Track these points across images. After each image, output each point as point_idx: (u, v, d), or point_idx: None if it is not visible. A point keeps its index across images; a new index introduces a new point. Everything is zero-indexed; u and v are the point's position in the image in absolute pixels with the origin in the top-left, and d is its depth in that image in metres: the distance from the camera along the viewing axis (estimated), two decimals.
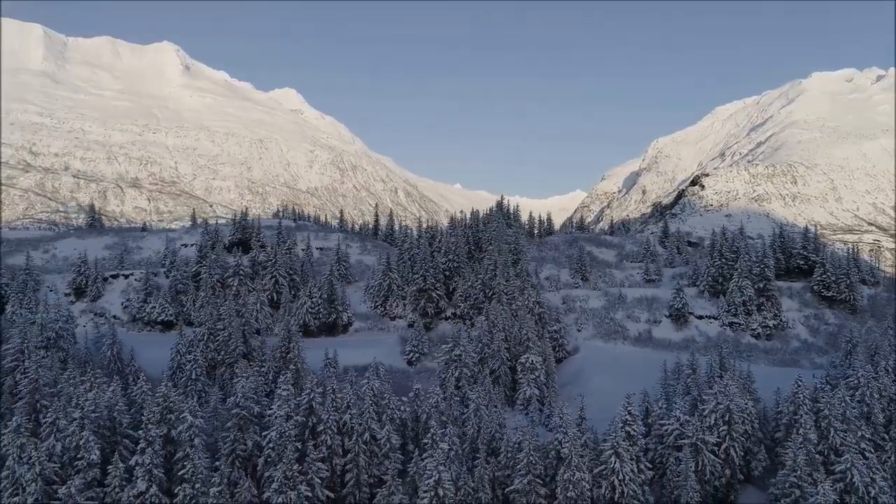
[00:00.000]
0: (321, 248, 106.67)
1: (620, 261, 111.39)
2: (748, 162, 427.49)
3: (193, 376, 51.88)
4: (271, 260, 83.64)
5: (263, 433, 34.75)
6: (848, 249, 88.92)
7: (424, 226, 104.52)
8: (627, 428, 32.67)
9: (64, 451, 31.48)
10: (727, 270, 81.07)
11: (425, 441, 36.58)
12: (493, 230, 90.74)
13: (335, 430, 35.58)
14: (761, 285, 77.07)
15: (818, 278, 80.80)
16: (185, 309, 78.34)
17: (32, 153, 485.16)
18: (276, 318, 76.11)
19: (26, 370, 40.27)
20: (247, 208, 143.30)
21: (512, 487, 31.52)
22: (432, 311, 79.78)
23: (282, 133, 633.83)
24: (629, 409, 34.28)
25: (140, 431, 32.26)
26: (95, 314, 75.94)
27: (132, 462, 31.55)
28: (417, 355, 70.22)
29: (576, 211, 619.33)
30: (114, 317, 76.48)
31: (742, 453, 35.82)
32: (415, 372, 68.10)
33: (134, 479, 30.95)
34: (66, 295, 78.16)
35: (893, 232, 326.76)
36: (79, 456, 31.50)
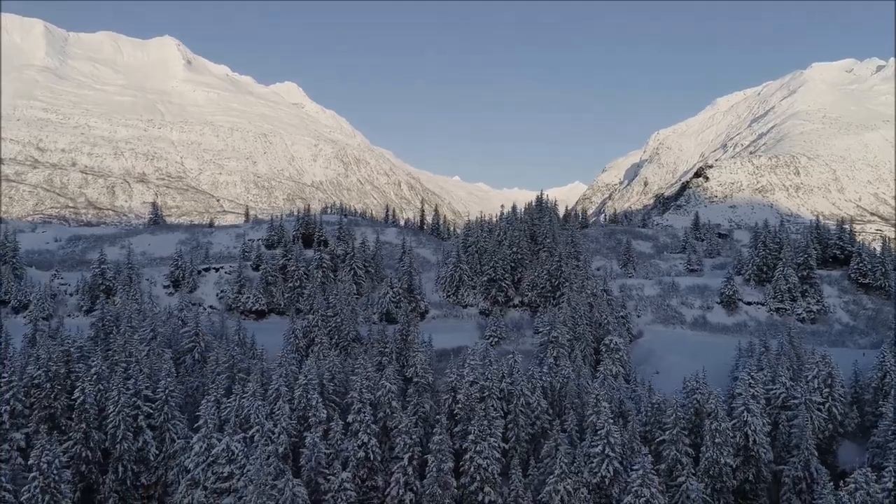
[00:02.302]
0: (376, 242, 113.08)
1: (658, 252, 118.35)
2: (750, 153, 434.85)
3: (321, 357, 58.48)
4: (350, 253, 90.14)
5: (443, 396, 41.67)
6: (883, 239, 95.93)
7: (448, 218, 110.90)
8: (752, 389, 39.47)
9: (293, 411, 38.06)
10: (771, 260, 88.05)
11: (574, 401, 43.60)
12: (546, 224, 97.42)
13: (497, 396, 42.33)
14: (804, 273, 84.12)
15: (855, 267, 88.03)
16: (274, 299, 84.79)
17: (39, 149, 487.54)
18: (359, 307, 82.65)
19: (213, 349, 46.87)
20: (278, 212, 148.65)
21: (661, 438, 38.27)
22: (501, 299, 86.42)
23: (285, 127, 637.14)
24: (751, 374, 41.11)
25: (351, 394, 39.02)
26: (193, 304, 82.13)
27: (349, 419, 38.20)
28: (496, 339, 76.85)
29: (577, 202, 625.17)
30: (210, 307, 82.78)
31: (842, 411, 42.76)
32: (496, 354, 74.93)
33: (354, 432, 37.66)
34: (164, 287, 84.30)
35: (895, 222, 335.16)
36: (310, 414, 38.14)
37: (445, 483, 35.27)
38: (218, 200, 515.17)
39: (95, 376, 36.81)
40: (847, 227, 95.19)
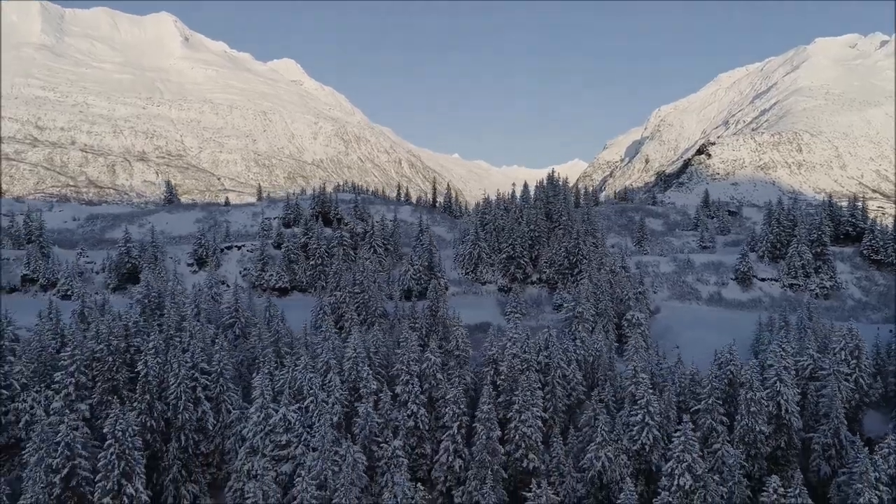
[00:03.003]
0: (393, 220, 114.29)
1: (669, 229, 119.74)
2: (752, 130, 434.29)
3: (361, 332, 60.00)
4: (369, 231, 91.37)
5: (483, 369, 43.37)
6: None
7: (453, 196, 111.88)
8: (783, 360, 41.06)
9: (342, 382, 39.63)
10: (784, 237, 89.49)
11: (608, 373, 45.34)
12: (561, 202, 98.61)
13: (535, 369, 43.90)
14: (818, 250, 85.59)
15: (867, 243, 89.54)
16: (296, 277, 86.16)
17: (38, 127, 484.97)
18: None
19: (254, 325, 48.36)
20: (292, 193, 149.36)
21: (697, 407, 39.96)
22: (520, 276, 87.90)
23: (284, 105, 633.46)
24: (782, 345, 42.73)
25: (398, 366, 40.64)
26: (219, 283, 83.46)
27: (397, 391, 39.83)
28: (517, 315, 78.42)
29: (578, 180, 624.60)
30: (234, 284, 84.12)
31: (868, 382, 44.47)
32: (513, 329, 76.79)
33: (403, 402, 39.32)
34: (188, 265, 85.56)
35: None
36: (361, 385, 39.76)
37: (493, 450, 36.96)
38: (219, 179, 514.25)
39: (153, 350, 38.25)
40: (860, 204, 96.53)
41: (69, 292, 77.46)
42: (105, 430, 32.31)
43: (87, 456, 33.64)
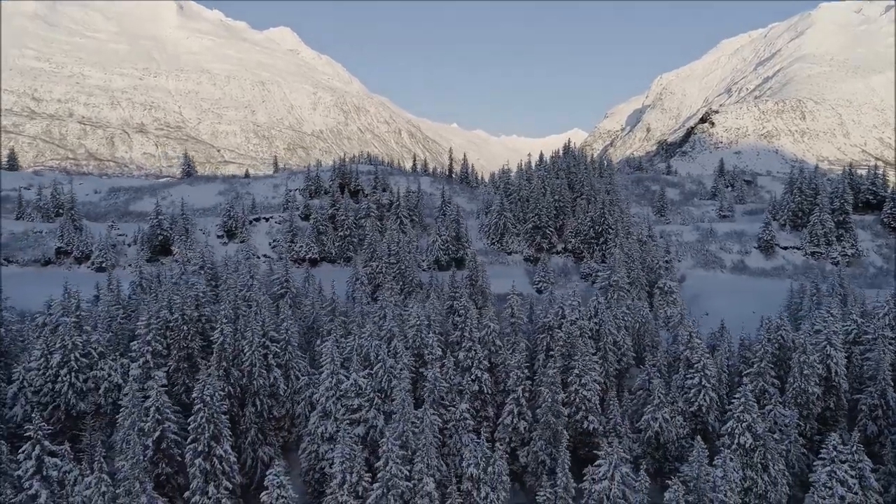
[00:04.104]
0: (417, 191, 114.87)
1: (685, 198, 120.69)
2: (756, 98, 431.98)
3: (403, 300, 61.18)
4: (395, 202, 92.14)
5: (538, 336, 44.83)
6: None
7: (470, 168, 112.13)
8: (833, 326, 42.48)
9: (406, 349, 40.97)
10: (806, 205, 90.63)
11: (655, 339, 46.83)
12: (583, 172, 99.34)
13: (588, 336, 45.32)
14: (840, 218, 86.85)
15: (888, 211, 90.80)
16: (325, 248, 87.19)
17: (35, 99, 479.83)
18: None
19: (307, 294, 49.58)
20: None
21: (748, 371, 41.48)
22: (546, 246, 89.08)
23: (282, 75, 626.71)
24: (830, 311, 44.15)
25: (460, 333, 42.02)
26: (254, 255, 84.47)
27: (459, 357, 41.17)
28: (545, 284, 79.86)
29: (578, 150, 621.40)
30: (264, 255, 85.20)
31: None
32: (545, 298, 78.13)
33: (466, 367, 40.74)
34: (218, 237, 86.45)
35: None
36: (426, 352, 41.14)
37: (558, 412, 38.42)
38: (219, 151, 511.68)
39: (224, 319, 39.37)
40: (880, 172, 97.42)
41: (104, 264, 78.48)
42: (194, 396, 33.54)
43: (175, 420, 35.03)
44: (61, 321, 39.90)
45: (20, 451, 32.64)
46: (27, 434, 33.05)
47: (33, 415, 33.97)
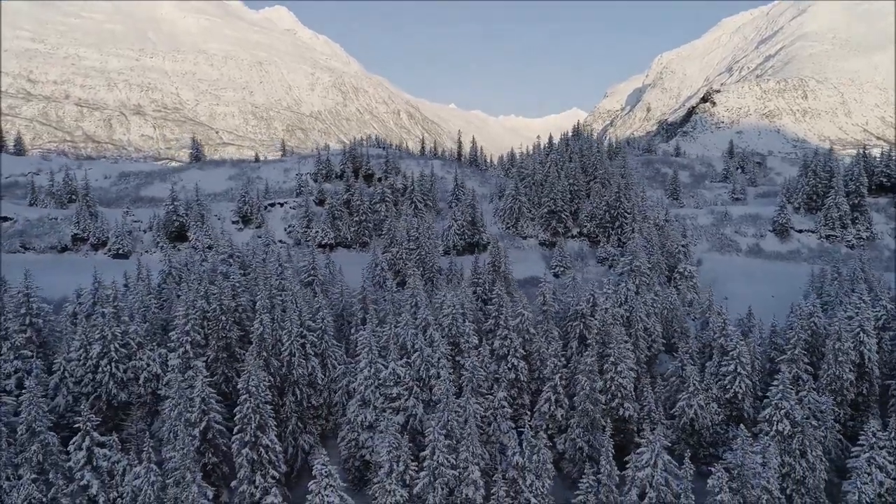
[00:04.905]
0: (430, 176, 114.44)
1: (696, 181, 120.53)
2: (757, 77, 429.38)
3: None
4: (409, 187, 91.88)
5: (571, 323, 45.02)
6: None
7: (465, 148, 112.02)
8: (865, 312, 42.77)
9: (442, 338, 41.16)
10: (821, 188, 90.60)
11: (684, 325, 47.14)
12: (596, 155, 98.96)
13: (619, 323, 45.59)
14: (856, 201, 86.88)
15: None
16: (340, 233, 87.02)
17: (31, 81, 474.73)
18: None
19: (336, 282, 49.66)
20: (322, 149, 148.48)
21: (782, 357, 41.81)
22: (561, 230, 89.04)
23: (280, 55, 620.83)
24: (862, 297, 44.37)
25: (494, 321, 42.26)
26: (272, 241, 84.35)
27: (495, 345, 41.39)
28: (562, 269, 79.94)
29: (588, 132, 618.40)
30: (280, 241, 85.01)
31: None
32: (561, 283, 78.30)
33: (502, 356, 41.06)
34: (233, 223, 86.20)
35: None
36: (461, 340, 41.38)
37: (595, 399, 38.76)
38: (217, 133, 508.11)
39: (262, 309, 39.47)
40: (894, 154, 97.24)
41: (121, 251, 78.39)
42: (239, 386, 33.69)
43: (219, 410, 35.26)
44: (97, 311, 39.96)
45: (70, 442, 32.90)
46: (75, 425, 33.30)
47: (81, 406, 34.12)
